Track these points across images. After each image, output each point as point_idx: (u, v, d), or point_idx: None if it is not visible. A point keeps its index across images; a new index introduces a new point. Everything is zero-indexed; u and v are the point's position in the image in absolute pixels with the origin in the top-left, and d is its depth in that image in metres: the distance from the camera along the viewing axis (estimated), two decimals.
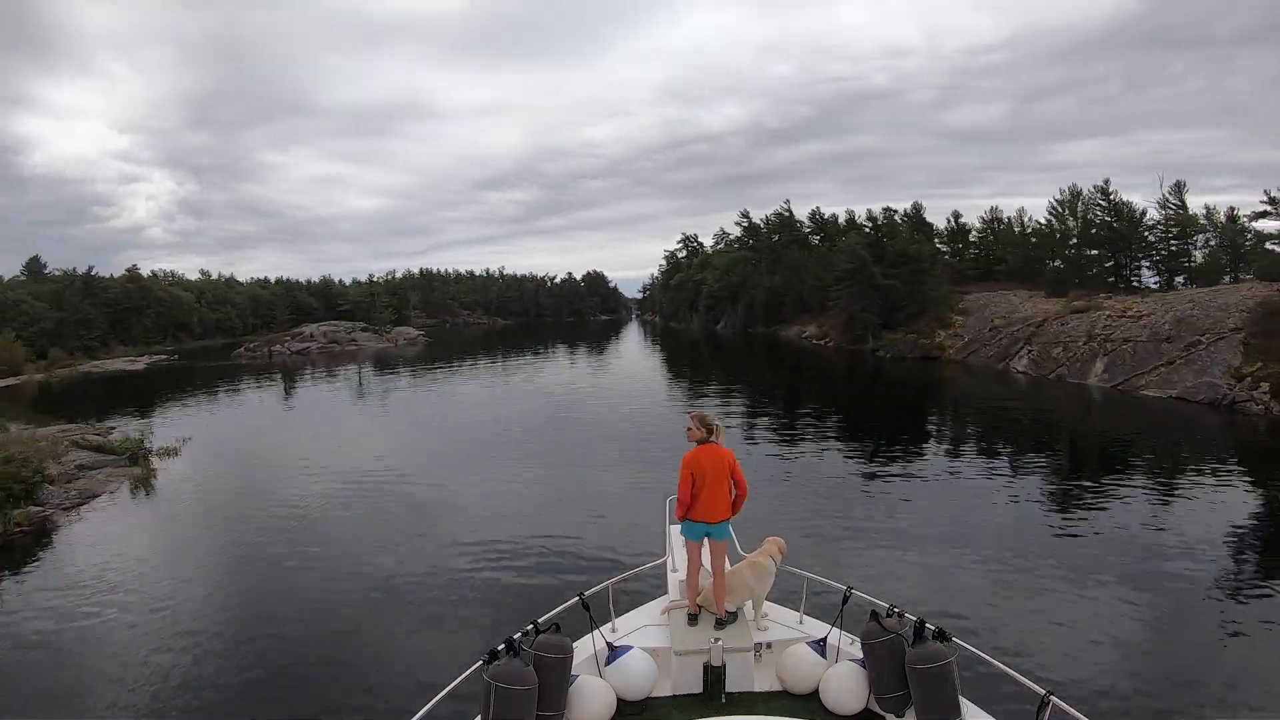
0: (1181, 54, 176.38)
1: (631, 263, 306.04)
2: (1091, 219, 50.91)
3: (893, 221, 61.55)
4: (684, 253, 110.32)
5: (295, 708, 8.12)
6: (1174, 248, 50.28)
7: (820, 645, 5.14)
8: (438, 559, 12.55)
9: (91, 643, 9.90)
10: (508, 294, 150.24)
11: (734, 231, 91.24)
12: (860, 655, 4.81)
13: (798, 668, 5.02)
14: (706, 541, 5.54)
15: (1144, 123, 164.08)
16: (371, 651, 9.26)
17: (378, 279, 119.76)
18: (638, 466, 18.63)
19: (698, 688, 5.02)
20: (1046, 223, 54.48)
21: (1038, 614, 9.82)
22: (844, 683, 4.79)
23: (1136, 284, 49.61)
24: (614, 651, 5.08)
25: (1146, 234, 50.51)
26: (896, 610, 4.79)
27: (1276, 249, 41.61)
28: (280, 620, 10.39)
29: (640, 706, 4.88)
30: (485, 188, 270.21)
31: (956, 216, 64.34)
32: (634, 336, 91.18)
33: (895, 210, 63.90)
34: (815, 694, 4.90)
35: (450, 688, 4.24)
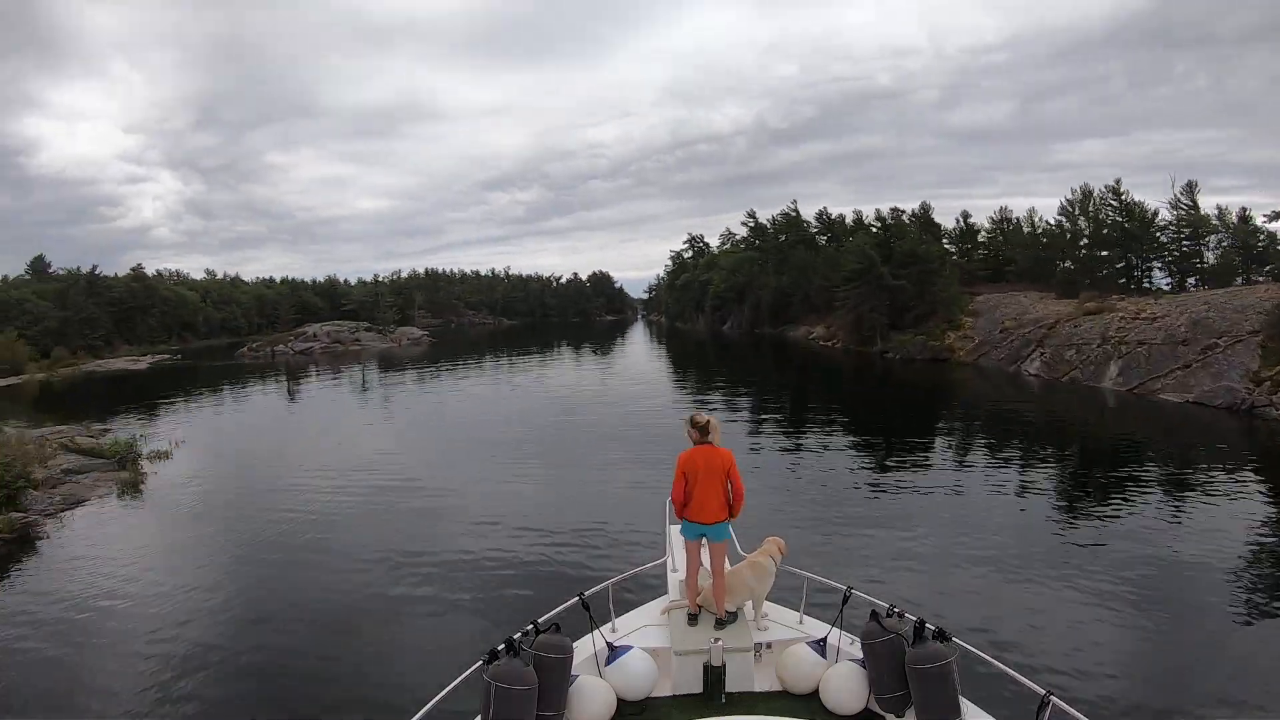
0: (1184, 53, 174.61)
1: (637, 263, 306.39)
2: (1103, 219, 50.20)
3: (900, 221, 60.82)
4: (690, 253, 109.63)
5: (295, 708, 8.09)
6: (1186, 248, 49.49)
7: (820, 645, 5.14)
8: (438, 559, 12.45)
9: (81, 649, 9.68)
10: (513, 294, 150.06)
11: (740, 232, 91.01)
12: (860, 655, 4.81)
13: (798, 668, 5.02)
14: (705, 542, 5.53)
15: (1147, 122, 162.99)
16: (371, 651, 9.21)
17: (383, 279, 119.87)
18: (640, 467, 18.48)
19: (698, 688, 5.02)
20: (1057, 223, 53.90)
21: (1038, 614, 9.74)
22: (844, 683, 4.79)
23: (1148, 285, 48.87)
24: (614, 651, 5.08)
25: (1159, 234, 49.76)
26: (896, 610, 4.80)
27: None
28: (279, 621, 10.31)
29: (640, 706, 4.89)
30: (490, 188, 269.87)
31: (965, 216, 63.58)
32: (640, 337, 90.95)
33: (903, 210, 63.32)
34: (815, 694, 4.91)
35: (450, 688, 4.24)
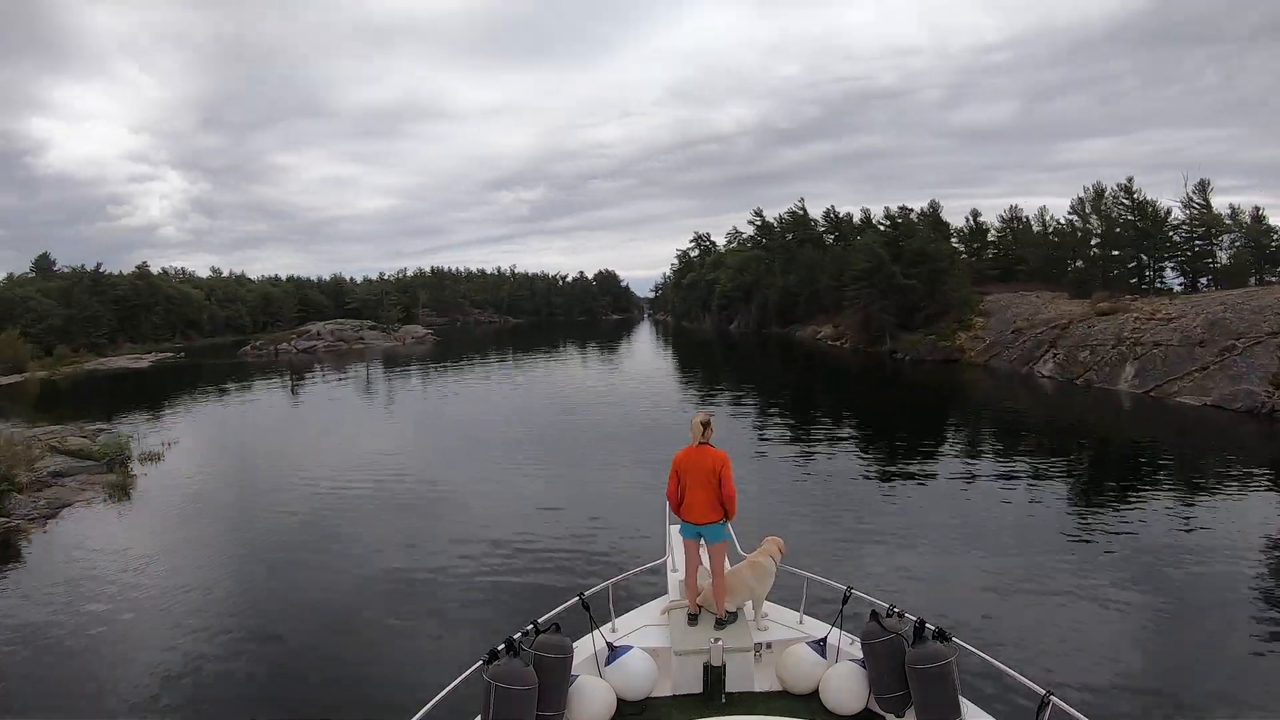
0: (1191, 51, 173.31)
1: (643, 262, 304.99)
2: (1115, 218, 49.43)
3: (909, 220, 60.07)
4: (696, 252, 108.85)
5: (295, 708, 8.05)
6: (1198, 248, 48.69)
7: (820, 645, 5.13)
8: (437, 559, 12.36)
9: (63, 656, 9.45)
10: (519, 293, 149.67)
11: (747, 230, 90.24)
12: (860, 655, 4.79)
13: (798, 668, 5.00)
14: (703, 542, 5.53)
15: (1155, 121, 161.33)
16: (371, 652, 9.19)
17: (388, 278, 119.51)
18: (642, 467, 18.32)
19: (698, 688, 5.00)
20: (1068, 222, 53.17)
21: (1038, 614, 9.71)
22: (844, 683, 4.77)
23: (1161, 285, 48.10)
24: (614, 651, 5.07)
25: (1171, 234, 48.96)
26: (896, 610, 4.79)
27: None
28: (278, 621, 10.24)
29: (640, 706, 4.87)
30: (496, 188, 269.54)
31: (975, 215, 62.89)
32: (646, 336, 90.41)
33: (911, 209, 62.57)
34: (815, 694, 4.89)
35: (450, 688, 4.22)
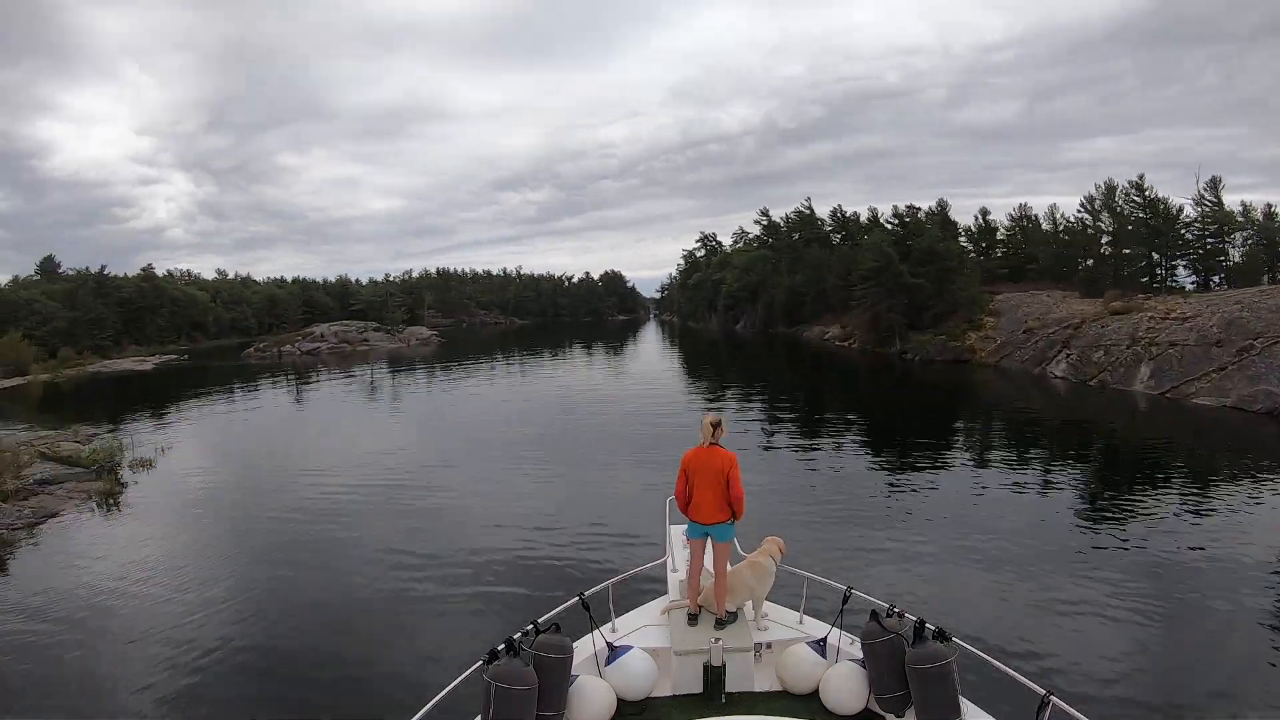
0: (1191, 51, 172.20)
1: (649, 262, 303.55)
2: (1127, 215, 48.74)
3: (917, 219, 59.45)
4: (702, 252, 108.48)
5: (295, 708, 8.00)
6: (1210, 246, 47.97)
7: (820, 645, 5.13)
8: (437, 559, 12.29)
9: (61, 661, 9.30)
10: (525, 294, 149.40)
11: (753, 230, 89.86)
12: (860, 655, 4.79)
13: (798, 668, 5.00)
14: (710, 541, 5.51)
15: (1155, 120, 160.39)
16: (371, 652, 9.14)
17: (393, 279, 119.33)
18: (645, 468, 18.24)
19: (698, 688, 5.00)
20: (1078, 220, 52.50)
21: (1039, 614, 9.68)
22: (844, 683, 4.76)
23: (1173, 284, 47.44)
24: (614, 651, 5.06)
25: (1184, 231, 48.26)
26: (896, 610, 4.78)
27: None
28: (277, 622, 10.19)
29: (640, 706, 4.87)
30: (501, 188, 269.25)
31: (984, 214, 62.27)
32: (652, 337, 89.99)
33: (919, 208, 62.01)
34: (815, 694, 4.89)
35: (450, 688, 4.22)
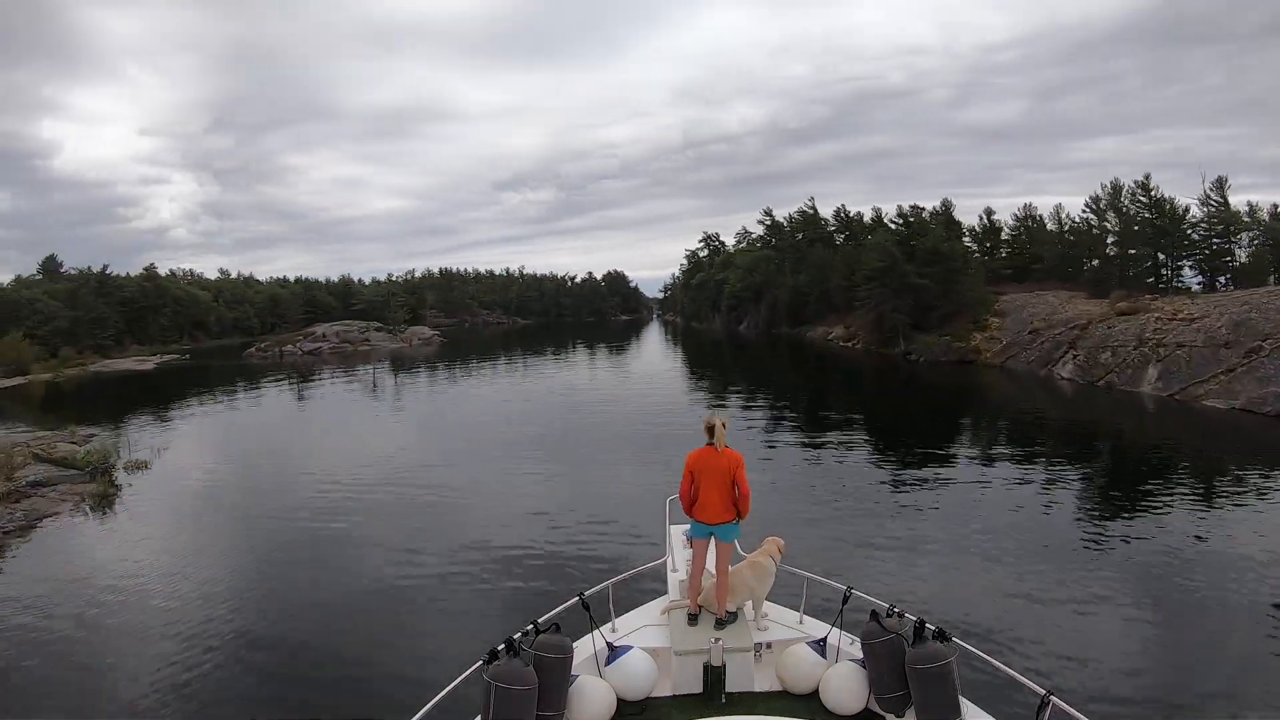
0: (1193, 51, 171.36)
1: (652, 262, 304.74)
2: (1133, 215, 48.32)
3: (922, 219, 59.04)
4: (705, 252, 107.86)
5: (295, 708, 8.05)
6: (1216, 246, 47.53)
7: (820, 645, 5.12)
8: (437, 559, 12.33)
9: (58, 662, 9.33)
10: (528, 294, 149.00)
11: (757, 230, 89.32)
12: (860, 655, 4.78)
13: (798, 668, 4.99)
14: (713, 541, 5.50)
15: (1158, 120, 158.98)
16: (372, 651, 9.18)
17: (396, 278, 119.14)
18: (645, 467, 18.31)
19: (698, 688, 5.00)
20: (1083, 220, 52.08)
21: (1039, 614, 9.70)
22: (844, 683, 4.75)
23: (1179, 284, 46.99)
24: (614, 651, 5.06)
25: (1190, 232, 47.84)
26: (896, 610, 4.77)
27: None
28: (276, 622, 10.22)
29: (640, 706, 4.86)
30: (505, 188, 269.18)
31: (989, 214, 61.77)
32: (655, 337, 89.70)
33: (923, 208, 61.52)
34: (815, 694, 4.88)
35: (450, 688, 4.22)
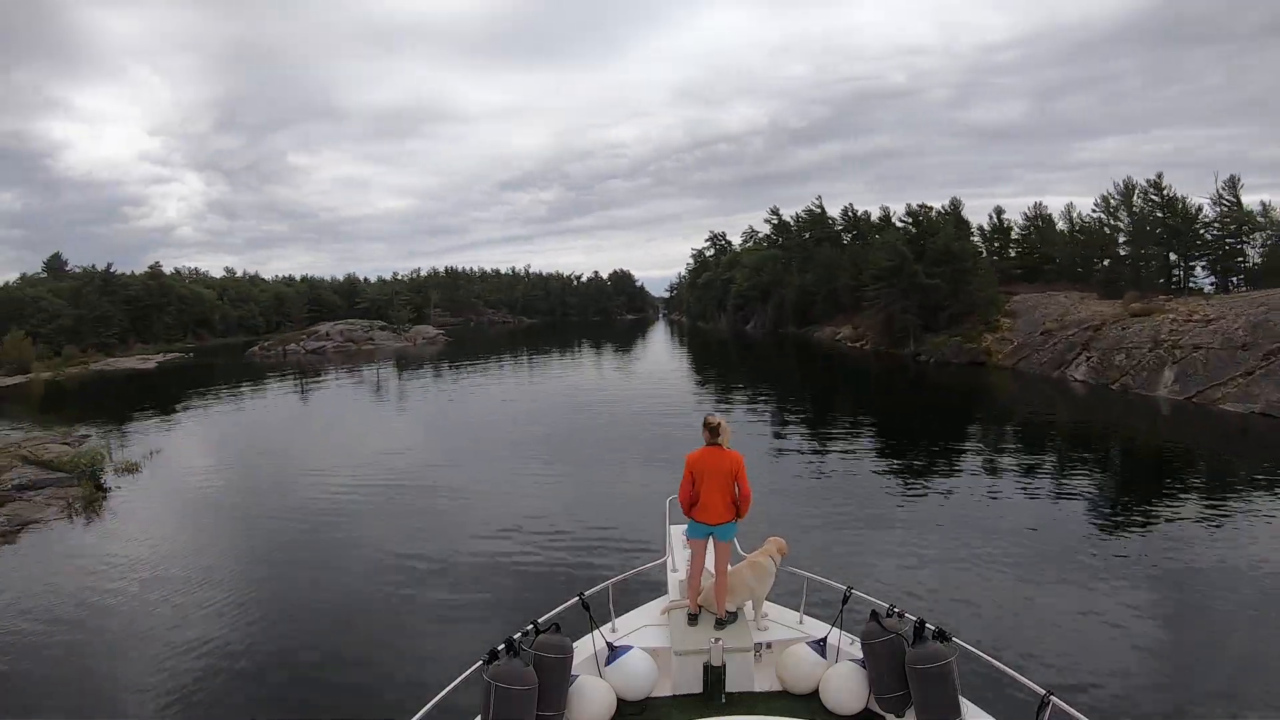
0: (1193, 51, 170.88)
1: (658, 262, 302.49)
2: (1145, 215, 47.63)
3: (931, 218, 58.40)
4: (712, 251, 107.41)
5: (295, 708, 8.02)
6: (1229, 246, 46.83)
7: (820, 645, 5.11)
8: (437, 559, 12.30)
9: (56, 662, 9.23)
10: (533, 293, 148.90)
11: (763, 229, 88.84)
12: (860, 655, 4.77)
13: (798, 668, 4.98)
14: (712, 541, 5.48)
15: (1159, 120, 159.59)
16: (371, 652, 9.15)
17: (402, 277, 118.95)
18: (647, 467, 18.23)
19: (698, 688, 4.99)
20: (1094, 219, 51.37)
21: (1039, 615, 9.68)
22: (844, 683, 4.74)
23: (1192, 284, 46.30)
24: (614, 651, 5.05)
25: (1204, 231, 47.13)
26: (896, 610, 4.77)
27: None
28: (276, 621, 10.20)
29: (640, 706, 4.85)
30: (511, 188, 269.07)
31: (999, 213, 61.06)
32: (661, 336, 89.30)
33: (931, 207, 60.89)
34: (815, 694, 4.87)
35: (450, 688, 4.21)
